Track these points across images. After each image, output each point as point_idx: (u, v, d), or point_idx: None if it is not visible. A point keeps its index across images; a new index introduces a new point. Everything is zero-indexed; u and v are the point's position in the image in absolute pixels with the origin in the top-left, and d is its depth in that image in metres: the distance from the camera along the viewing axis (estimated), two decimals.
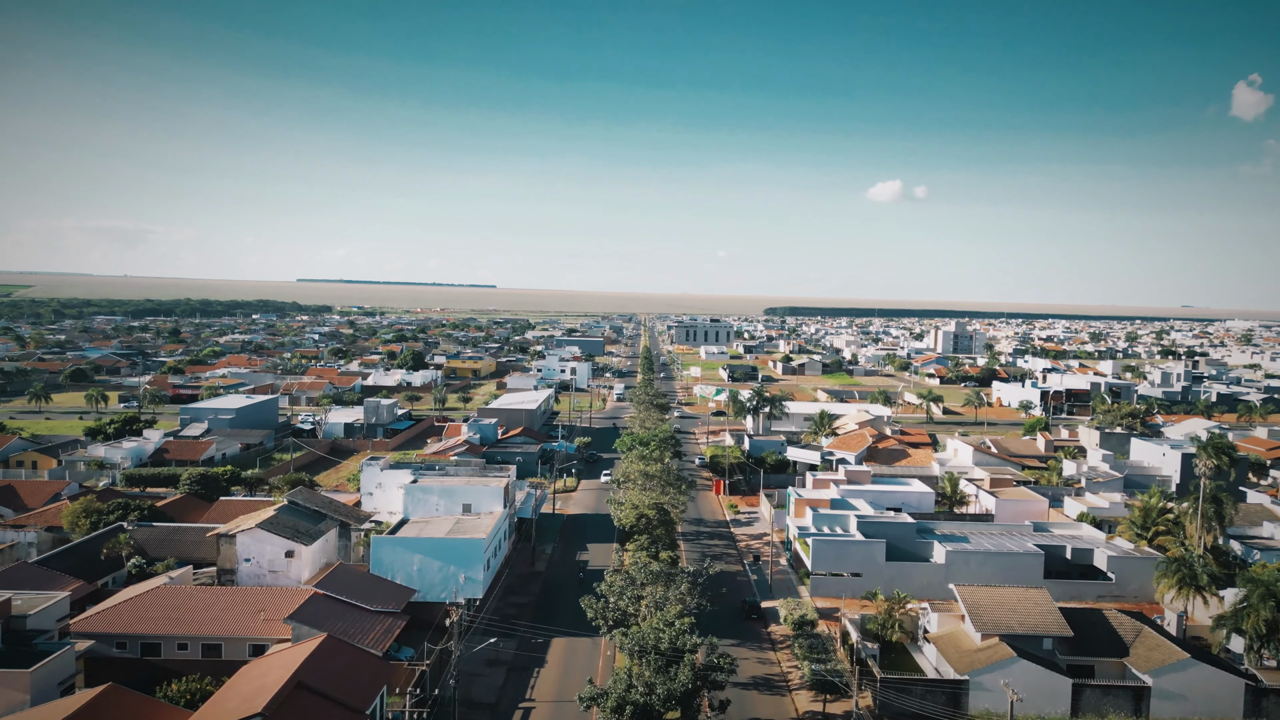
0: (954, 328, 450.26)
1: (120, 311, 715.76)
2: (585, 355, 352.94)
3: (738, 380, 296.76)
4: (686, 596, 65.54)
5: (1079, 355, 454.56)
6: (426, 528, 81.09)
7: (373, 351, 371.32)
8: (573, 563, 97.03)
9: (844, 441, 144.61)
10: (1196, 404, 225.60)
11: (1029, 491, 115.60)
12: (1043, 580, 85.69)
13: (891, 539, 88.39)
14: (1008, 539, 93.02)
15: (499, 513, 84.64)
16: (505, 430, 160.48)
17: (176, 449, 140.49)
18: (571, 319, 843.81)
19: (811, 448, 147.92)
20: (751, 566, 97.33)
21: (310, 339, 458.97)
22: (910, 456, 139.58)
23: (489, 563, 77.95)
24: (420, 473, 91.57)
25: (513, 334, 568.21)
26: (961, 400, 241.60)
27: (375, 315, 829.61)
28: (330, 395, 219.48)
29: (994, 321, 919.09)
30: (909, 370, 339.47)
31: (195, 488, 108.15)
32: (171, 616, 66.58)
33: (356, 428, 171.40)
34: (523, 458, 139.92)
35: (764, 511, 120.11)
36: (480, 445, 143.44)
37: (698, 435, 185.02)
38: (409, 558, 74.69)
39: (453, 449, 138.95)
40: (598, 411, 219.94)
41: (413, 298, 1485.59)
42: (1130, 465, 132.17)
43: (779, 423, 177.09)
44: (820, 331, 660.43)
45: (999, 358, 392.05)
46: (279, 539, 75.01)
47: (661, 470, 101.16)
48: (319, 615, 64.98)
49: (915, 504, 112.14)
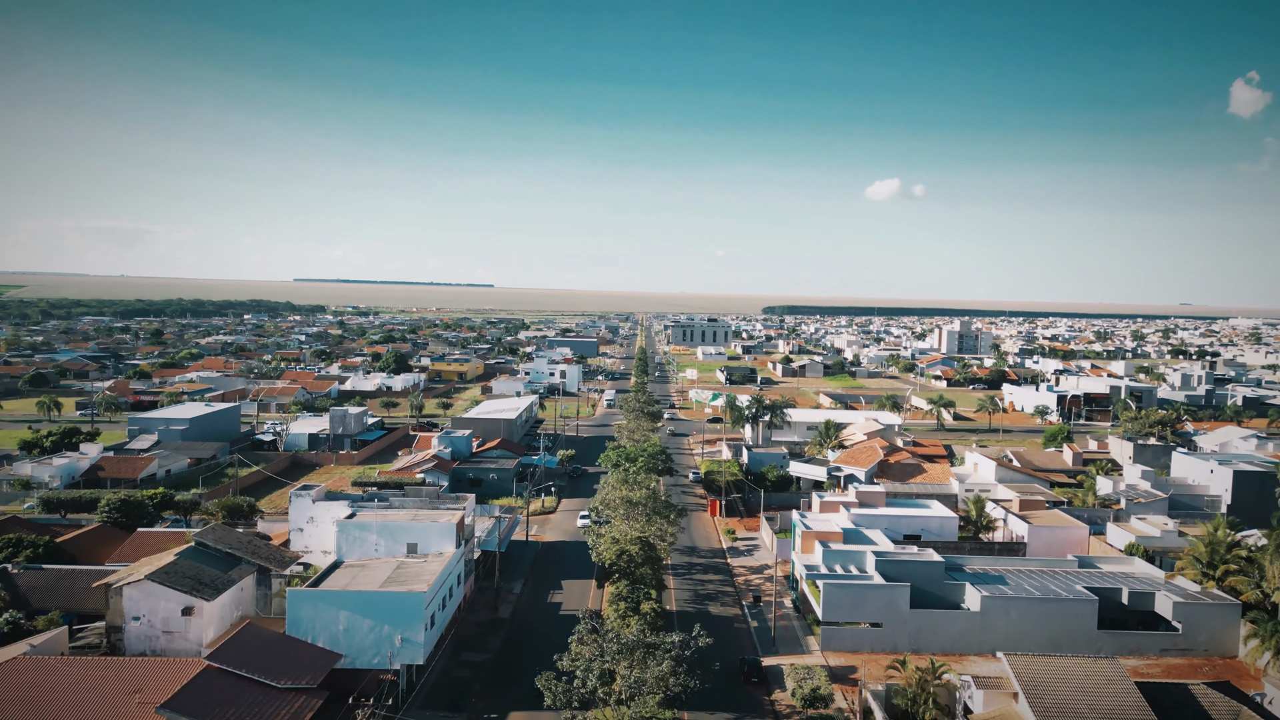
0: (958, 327, 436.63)
1: (110, 312, 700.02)
2: (577, 357, 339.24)
3: (736, 383, 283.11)
4: (669, 677, 51.96)
5: (1087, 355, 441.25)
6: (361, 574, 67.49)
7: (357, 353, 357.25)
8: (544, 606, 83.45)
9: (852, 455, 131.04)
10: (1223, 409, 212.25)
11: (1065, 516, 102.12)
12: (1096, 631, 72.44)
13: (916, 581, 74.93)
14: (1050, 578, 79.58)
15: (450, 554, 71.05)
16: (482, 442, 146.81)
17: (113, 466, 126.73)
18: (568, 319, 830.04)
19: (817, 462, 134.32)
20: (751, 609, 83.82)
21: (296, 340, 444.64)
22: (926, 472, 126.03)
23: (433, 619, 64.41)
24: (360, 505, 77.95)
25: (506, 334, 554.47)
26: (973, 405, 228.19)
27: (369, 315, 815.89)
28: (301, 401, 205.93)
29: (995, 320, 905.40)
30: (914, 372, 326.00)
31: (115, 515, 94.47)
32: (22, 699, 53.03)
33: (322, 438, 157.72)
34: (497, 474, 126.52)
35: (764, 538, 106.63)
36: (451, 460, 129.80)
37: (692, 445, 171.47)
38: (334, 615, 61.13)
39: (419, 465, 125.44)
40: (587, 418, 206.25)
41: (409, 297, 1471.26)
42: (1173, 483, 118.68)
43: (780, 432, 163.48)
44: (820, 331, 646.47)
45: (1006, 358, 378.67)
46: (174, 593, 61.46)
47: (647, 496, 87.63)
48: (206, 699, 51.43)
49: (936, 530, 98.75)
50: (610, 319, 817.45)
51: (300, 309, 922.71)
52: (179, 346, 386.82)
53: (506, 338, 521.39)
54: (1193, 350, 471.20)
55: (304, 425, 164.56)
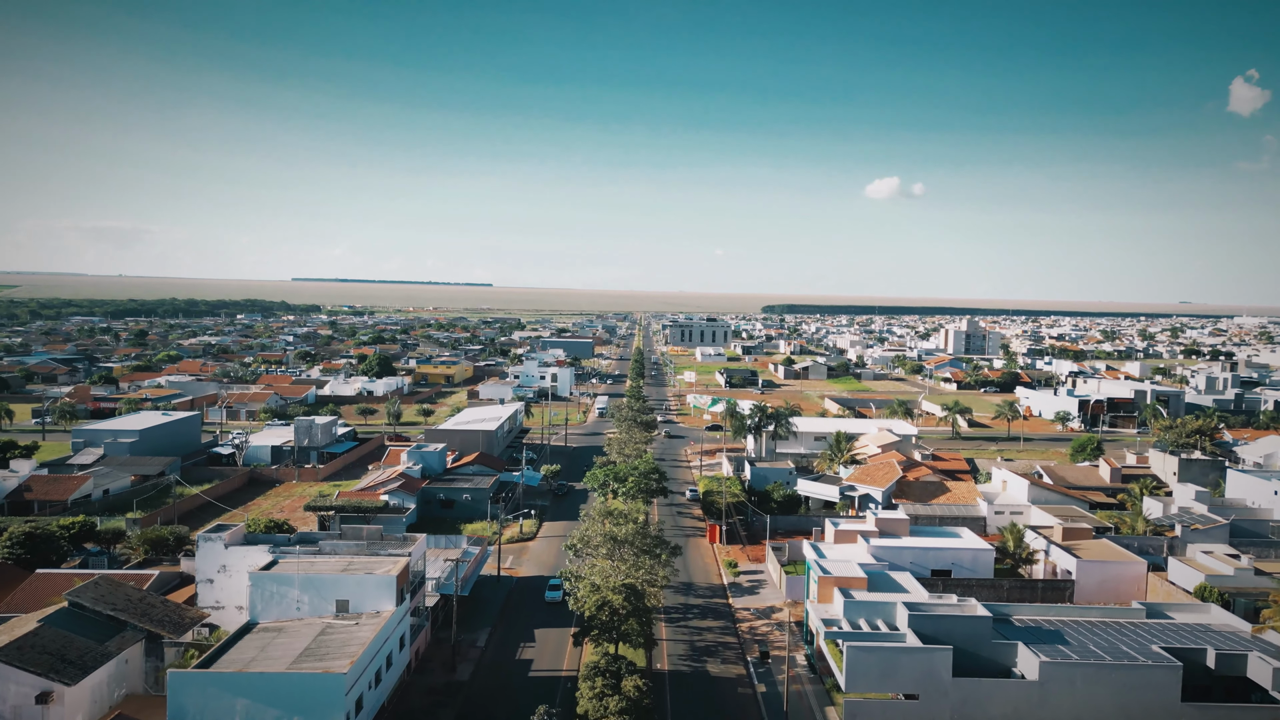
0: (965, 327, 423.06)
1: (100, 312, 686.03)
2: (571, 359, 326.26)
3: (736, 386, 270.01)
4: None
5: (1098, 355, 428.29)
6: (275, 641, 54.32)
7: (344, 355, 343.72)
8: (511, 665, 70.26)
9: (868, 472, 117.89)
10: (1256, 414, 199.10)
11: (1116, 547, 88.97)
12: (1180, 704, 59.30)
13: (959, 641, 61.76)
14: (1117, 633, 66.41)
15: (388, 614, 57.87)
16: (458, 456, 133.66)
17: (42, 486, 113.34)
18: (566, 318, 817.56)
19: (827, 479, 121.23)
20: (758, 668, 70.69)
21: (284, 341, 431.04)
22: (950, 491, 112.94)
23: (360, 702, 51.25)
24: (282, 551, 64.60)
25: (500, 334, 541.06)
26: (988, 410, 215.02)
27: (363, 315, 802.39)
28: (272, 409, 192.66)
29: (997, 319, 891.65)
30: (922, 374, 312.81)
31: (17, 551, 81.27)
32: None
33: (285, 451, 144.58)
34: (471, 495, 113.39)
35: (771, 571, 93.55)
36: (420, 479, 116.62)
37: (689, 456, 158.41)
38: (228, 704, 48.01)
39: (385, 484, 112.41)
40: (578, 426, 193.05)
41: (407, 297, 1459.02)
42: (1232, 506, 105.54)
43: (785, 443, 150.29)
44: (821, 330, 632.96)
45: (1015, 359, 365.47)
46: (27, 675, 48.32)
47: (635, 532, 74.48)
48: None
49: (969, 565, 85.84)
50: (608, 319, 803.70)
51: (295, 309, 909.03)
52: (160, 348, 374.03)
53: (500, 338, 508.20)
54: (1205, 350, 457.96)
55: (268, 436, 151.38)
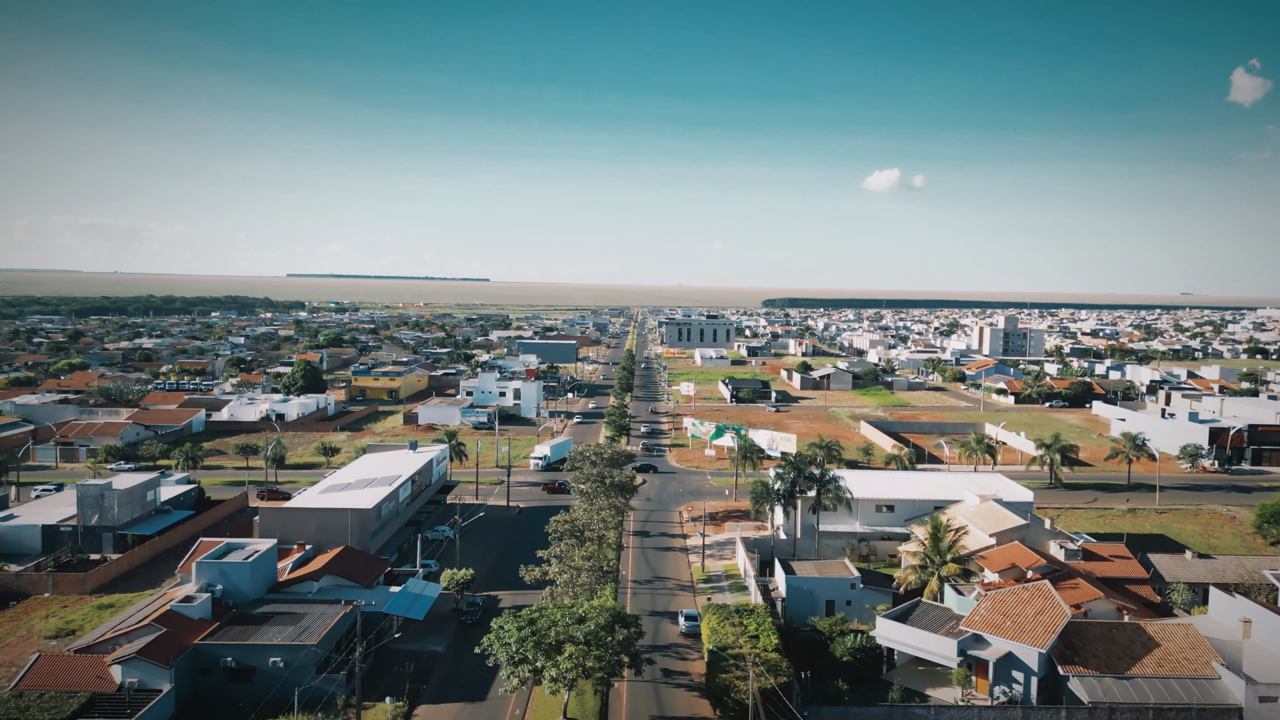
0: (1003, 324, 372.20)
1: (66, 310, 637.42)
2: (546, 365, 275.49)
3: (744, 400, 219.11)
4: None
5: (1152, 355, 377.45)
6: None
7: (285, 361, 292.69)
8: None
9: (1003, 607, 66.64)
10: None
11: None
12: None
13: None
14: None
15: None
16: (307, 555, 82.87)
17: None
18: (561, 313, 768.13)
19: (931, 615, 69.91)
20: None
21: (230, 344, 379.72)
22: (1160, 647, 62.26)
23: None
24: None
25: (480, 333, 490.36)
26: (1068, 431, 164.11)
27: (346, 312, 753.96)
28: (120, 448, 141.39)
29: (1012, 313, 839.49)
30: (965, 383, 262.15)
31: None
32: None
33: (64, 534, 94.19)
34: (286, 659, 62.31)
35: None
36: (206, 621, 65.81)
37: (684, 524, 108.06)
38: None
39: (132, 632, 62.02)
40: (531, 472, 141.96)
41: (401, 293, 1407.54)
42: None
43: (833, 517, 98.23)
44: (831, 327, 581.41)
45: (1070, 364, 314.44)
46: None
47: None
48: None
49: None
50: (603, 314, 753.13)
51: (277, 305, 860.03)
52: (87, 350, 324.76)
53: (478, 338, 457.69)
54: (1272, 350, 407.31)
55: (55, 504, 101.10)
